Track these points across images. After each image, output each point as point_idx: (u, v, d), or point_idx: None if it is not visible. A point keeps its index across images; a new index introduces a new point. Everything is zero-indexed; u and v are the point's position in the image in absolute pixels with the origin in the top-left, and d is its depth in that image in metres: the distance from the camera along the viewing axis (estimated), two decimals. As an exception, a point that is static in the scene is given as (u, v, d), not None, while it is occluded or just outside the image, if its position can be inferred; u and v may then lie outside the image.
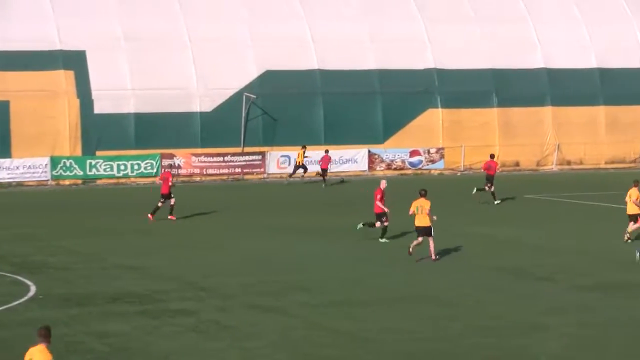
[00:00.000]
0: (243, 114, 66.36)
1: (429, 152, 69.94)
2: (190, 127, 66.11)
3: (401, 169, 68.87)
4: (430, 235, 34.21)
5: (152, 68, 65.89)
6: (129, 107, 65.17)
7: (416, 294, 29.55)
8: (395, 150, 69.38)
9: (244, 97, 66.11)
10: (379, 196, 38.64)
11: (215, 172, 65.58)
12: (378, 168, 68.22)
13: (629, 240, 38.22)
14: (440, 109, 70.63)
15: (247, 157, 66.50)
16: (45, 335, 17.08)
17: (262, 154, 66.42)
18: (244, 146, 66.72)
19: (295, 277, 32.07)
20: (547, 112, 72.92)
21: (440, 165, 69.30)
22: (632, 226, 38.68)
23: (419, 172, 68.61)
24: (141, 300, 28.53)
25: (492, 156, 54.55)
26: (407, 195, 38.09)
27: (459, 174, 69.13)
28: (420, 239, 34.50)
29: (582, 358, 22.55)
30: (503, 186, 54.03)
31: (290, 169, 65.04)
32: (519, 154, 71.52)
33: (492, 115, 71.62)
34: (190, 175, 64.77)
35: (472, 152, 69.53)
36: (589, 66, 74.45)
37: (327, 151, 63.44)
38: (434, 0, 73.79)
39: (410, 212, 34.67)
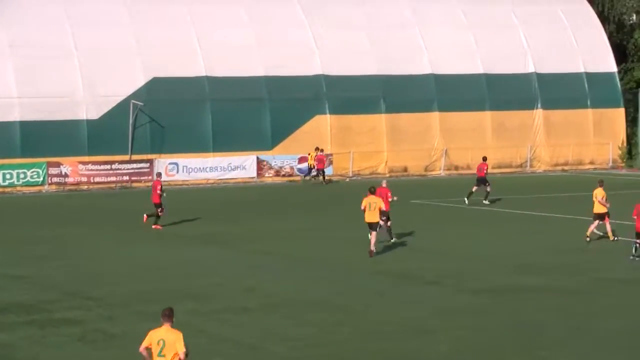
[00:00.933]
0: (130, 122, 65.83)
1: (317, 158, 70.05)
2: (77, 135, 65.26)
3: (290, 175, 68.83)
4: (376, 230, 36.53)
5: (37, 76, 64.87)
6: (14, 115, 64.17)
7: (305, 300, 29.57)
8: (284, 157, 69.26)
9: (131, 104, 65.56)
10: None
11: (102, 180, 64.77)
12: (267, 175, 68.11)
13: (588, 239, 39.02)
14: (328, 115, 70.66)
15: (134, 165, 65.86)
16: (169, 315, 18.59)
17: (150, 161, 65.85)
18: (131, 154, 66.15)
19: (184, 285, 31.91)
20: (434, 118, 73.48)
21: (329, 171, 69.28)
22: (592, 226, 39.40)
23: (308, 178, 68.61)
24: (28, 311, 28.14)
25: (484, 159, 55.41)
26: (297, 202, 38.13)
27: (347, 179, 69.26)
28: (374, 233, 36.36)
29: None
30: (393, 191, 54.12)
31: (179, 176, 64.99)
32: (407, 159, 71.88)
33: (380, 121, 71.90)
34: (78, 184, 63.87)
35: (361, 158, 69.83)
36: (476, 72, 75.25)
37: (321, 150, 65.54)
38: (322, 7, 73.93)
39: (362, 208, 36.49)
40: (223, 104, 68.28)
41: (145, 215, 45.58)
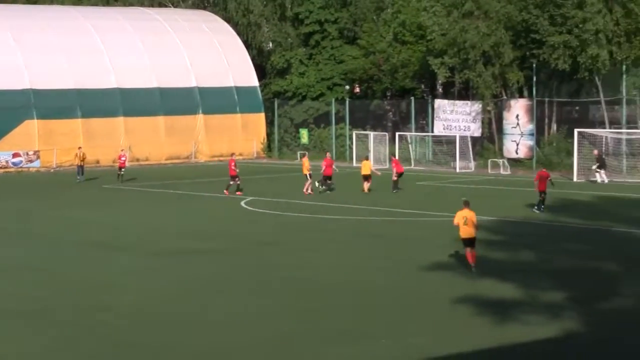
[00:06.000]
0: None
1: (27, 154, 68.02)
2: None
3: (5, 167, 66.55)
4: None
5: None
6: None
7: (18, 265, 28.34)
8: (1, 154, 66.99)
9: None
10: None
11: None
12: None
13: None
14: (36, 120, 68.81)
15: None
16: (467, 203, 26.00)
17: None
18: None
19: None
20: (120, 122, 72.64)
21: (37, 164, 67.58)
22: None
23: (20, 169, 66.37)
24: None
25: (232, 154, 53.25)
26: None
27: (52, 170, 67.64)
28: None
29: (154, 308, 22.35)
30: (102, 179, 52.98)
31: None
32: (99, 154, 70.59)
33: (77, 124, 70.46)
34: None
35: (63, 153, 68.31)
36: (152, 86, 74.84)
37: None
38: (29, 35, 71.98)
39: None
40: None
41: None
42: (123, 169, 57.10)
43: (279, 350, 18.15)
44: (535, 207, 38.98)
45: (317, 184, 48.49)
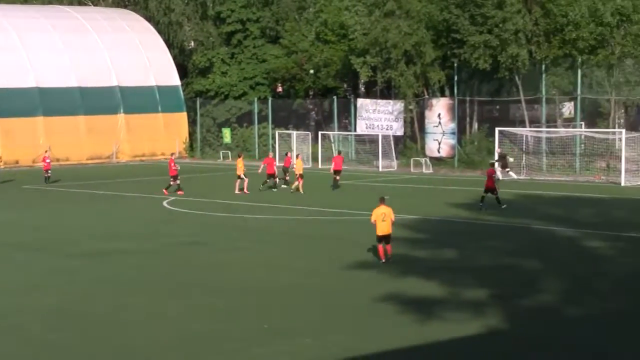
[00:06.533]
0: None
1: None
2: None
3: None
4: None
5: None
6: None
7: None
8: None
9: None
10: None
11: None
12: None
13: None
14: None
15: None
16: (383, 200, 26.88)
17: None
18: None
19: None
20: (39, 121, 71.43)
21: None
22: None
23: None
24: None
25: (172, 154, 52.92)
26: None
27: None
28: None
29: (74, 308, 21.93)
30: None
31: None
32: (19, 154, 69.49)
33: (-6, 124, 69.37)
34: None
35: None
36: (71, 85, 73.74)
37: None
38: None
39: None
40: None
41: None
42: (49, 171, 56.06)
43: (199, 349, 17.94)
44: (480, 206, 39.21)
45: (283, 185, 49.67)
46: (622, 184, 50.48)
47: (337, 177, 50.34)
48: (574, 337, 18.70)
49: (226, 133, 77.96)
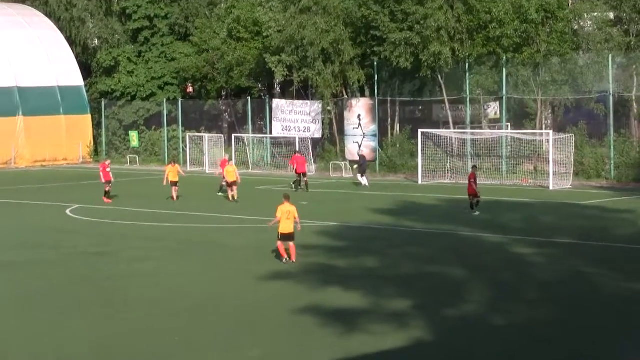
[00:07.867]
0: None
1: None
2: None
3: None
4: None
5: None
6: None
7: None
8: None
9: None
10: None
11: None
12: None
13: None
14: None
15: None
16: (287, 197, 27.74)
17: None
18: None
19: None
20: None
21: None
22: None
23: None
24: None
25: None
26: None
27: None
28: None
29: None
30: None
31: None
32: None
33: None
34: None
35: None
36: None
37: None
38: None
39: None
40: None
41: None
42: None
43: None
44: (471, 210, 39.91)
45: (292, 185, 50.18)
46: (551, 188, 51.16)
47: (306, 179, 51.45)
48: (500, 347, 18.79)
49: (133, 136, 77.17)
